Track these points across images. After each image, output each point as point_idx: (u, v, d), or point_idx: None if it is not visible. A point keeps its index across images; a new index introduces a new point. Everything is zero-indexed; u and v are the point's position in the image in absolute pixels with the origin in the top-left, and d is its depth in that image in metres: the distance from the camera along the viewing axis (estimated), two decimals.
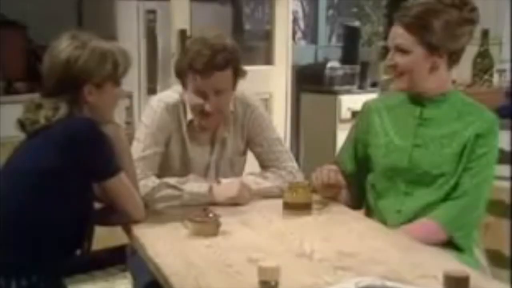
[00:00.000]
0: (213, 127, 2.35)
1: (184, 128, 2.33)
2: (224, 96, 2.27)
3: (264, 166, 2.42)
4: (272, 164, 2.39)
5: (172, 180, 2.23)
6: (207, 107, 2.25)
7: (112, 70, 1.99)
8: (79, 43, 1.97)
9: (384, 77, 3.83)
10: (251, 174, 2.40)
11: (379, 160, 2.22)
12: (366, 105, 2.34)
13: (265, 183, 2.33)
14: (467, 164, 2.11)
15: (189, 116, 2.32)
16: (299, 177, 2.37)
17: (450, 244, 2.10)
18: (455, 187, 2.12)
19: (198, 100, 2.25)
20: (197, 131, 2.35)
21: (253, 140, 2.42)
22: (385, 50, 2.20)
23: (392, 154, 2.19)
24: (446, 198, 2.12)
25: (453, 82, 2.27)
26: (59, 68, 1.95)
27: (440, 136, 2.15)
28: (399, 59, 2.13)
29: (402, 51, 2.11)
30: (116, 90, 2.04)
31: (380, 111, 2.27)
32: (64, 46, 1.97)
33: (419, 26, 2.08)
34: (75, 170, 1.88)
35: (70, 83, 1.95)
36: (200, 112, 2.28)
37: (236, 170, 2.44)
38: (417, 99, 2.19)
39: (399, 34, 2.11)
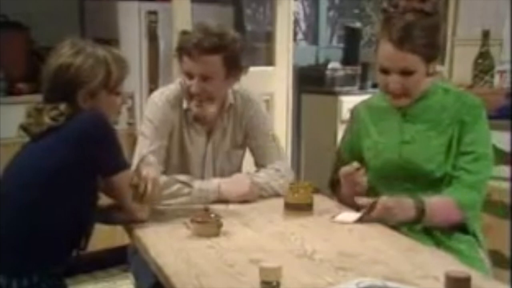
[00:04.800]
0: (206, 115, 2.31)
1: (182, 117, 2.33)
2: (212, 83, 2.24)
3: (257, 161, 2.43)
4: (263, 161, 2.40)
5: (181, 177, 2.23)
6: (192, 88, 2.25)
7: (104, 79, 1.98)
8: (75, 50, 1.97)
9: None
10: (247, 173, 2.40)
11: (372, 162, 2.24)
12: (355, 109, 2.36)
13: (258, 180, 2.32)
14: (463, 148, 2.12)
15: (185, 104, 2.32)
16: (287, 175, 2.37)
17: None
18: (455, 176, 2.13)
19: (187, 82, 2.26)
20: (193, 120, 2.34)
21: (249, 134, 2.42)
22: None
23: (382, 154, 2.22)
24: (443, 187, 2.14)
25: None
26: (52, 74, 1.97)
27: (426, 129, 2.17)
28: (405, 81, 2.10)
29: (408, 73, 2.10)
30: (112, 98, 2.02)
31: (368, 113, 2.30)
32: (60, 53, 1.98)
33: (416, 45, 2.06)
34: (84, 165, 1.88)
35: (63, 89, 1.95)
36: (189, 95, 2.28)
37: (233, 163, 2.44)
38: None
39: (400, 57, 2.07)
